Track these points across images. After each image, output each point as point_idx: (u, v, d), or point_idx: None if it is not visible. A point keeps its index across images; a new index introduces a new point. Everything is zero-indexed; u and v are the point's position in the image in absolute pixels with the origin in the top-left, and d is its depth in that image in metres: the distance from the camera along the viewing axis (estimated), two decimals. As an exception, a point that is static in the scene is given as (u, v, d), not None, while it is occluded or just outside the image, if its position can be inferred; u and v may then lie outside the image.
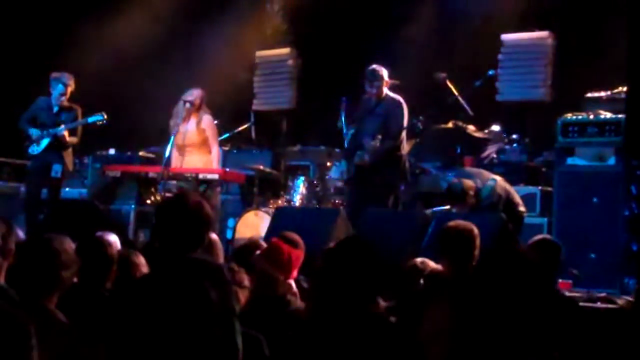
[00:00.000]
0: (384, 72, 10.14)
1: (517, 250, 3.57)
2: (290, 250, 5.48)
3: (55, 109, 11.07)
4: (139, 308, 4.16)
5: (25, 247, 4.24)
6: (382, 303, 5.56)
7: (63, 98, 11.04)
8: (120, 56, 14.58)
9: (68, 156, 11.11)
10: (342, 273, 4.10)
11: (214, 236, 6.85)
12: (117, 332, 4.31)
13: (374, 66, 10.19)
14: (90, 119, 11.01)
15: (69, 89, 11.04)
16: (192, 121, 10.72)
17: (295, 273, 5.52)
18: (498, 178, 9.64)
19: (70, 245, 4.42)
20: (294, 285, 5.41)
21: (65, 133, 10.92)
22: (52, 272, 4.14)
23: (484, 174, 9.75)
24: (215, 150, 10.88)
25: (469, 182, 9.37)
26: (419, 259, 6.01)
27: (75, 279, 4.82)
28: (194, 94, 10.72)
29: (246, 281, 5.28)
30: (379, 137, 9.77)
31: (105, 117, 10.97)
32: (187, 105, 10.61)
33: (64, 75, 11.06)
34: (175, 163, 10.76)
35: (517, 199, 9.62)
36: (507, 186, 9.63)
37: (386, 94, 10.10)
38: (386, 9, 14.29)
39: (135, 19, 14.89)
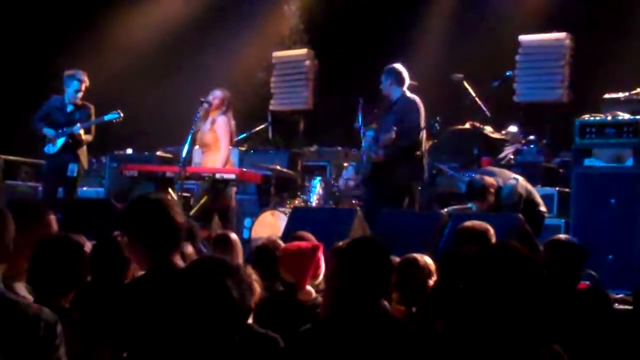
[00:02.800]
0: (393, 70, 10.11)
1: (511, 247, 3.55)
2: (301, 256, 5.39)
3: (70, 107, 11.10)
4: (157, 305, 4.18)
5: (44, 246, 4.25)
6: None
7: (79, 94, 11.07)
8: (138, 56, 14.64)
9: (83, 155, 11.15)
10: (352, 272, 4.10)
11: (233, 236, 6.86)
12: (133, 329, 4.32)
13: (390, 65, 10.19)
14: (107, 117, 11.06)
15: (84, 85, 11.07)
16: (208, 121, 10.73)
17: (318, 275, 5.43)
18: (520, 178, 9.60)
19: (85, 243, 4.43)
20: (311, 288, 5.28)
21: (82, 131, 10.97)
22: (71, 271, 4.14)
23: (506, 173, 9.72)
24: (223, 150, 10.73)
25: (490, 179, 9.34)
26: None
27: (89, 278, 4.83)
28: (213, 94, 10.72)
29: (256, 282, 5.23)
30: (394, 128, 9.74)
31: (122, 114, 11.01)
32: (205, 105, 10.62)
33: (78, 72, 11.09)
34: (202, 163, 10.78)
35: (538, 199, 9.59)
36: (529, 186, 9.60)
37: (403, 94, 10.08)
38: (403, 10, 14.31)
39: (152, 18, 14.95)
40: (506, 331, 3.34)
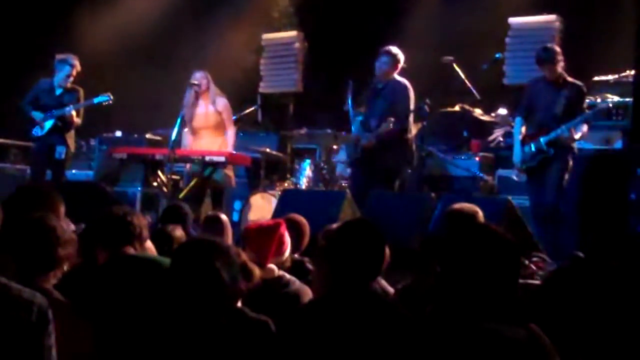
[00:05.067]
0: (394, 54, 10.08)
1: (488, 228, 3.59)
2: (262, 233, 5.36)
3: (59, 90, 11.07)
4: (143, 287, 4.20)
5: (19, 226, 4.24)
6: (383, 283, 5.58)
7: (70, 79, 11.05)
8: (126, 38, 14.57)
9: (70, 138, 11.15)
10: (346, 253, 4.10)
11: (223, 217, 6.86)
12: (116, 311, 4.33)
13: (389, 47, 10.15)
14: (97, 100, 11.03)
15: (75, 70, 11.05)
16: (203, 104, 10.77)
17: (282, 253, 5.43)
18: None
19: (66, 223, 4.42)
20: (274, 266, 5.24)
21: (74, 112, 10.95)
22: (47, 250, 4.12)
23: None
24: (232, 131, 10.96)
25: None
26: None
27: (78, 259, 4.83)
28: (197, 77, 10.75)
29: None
30: (392, 119, 9.72)
31: (112, 97, 10.98)
32: (195, 88, 10.64)
33: (70, 57, 11.07)
34: (191, 146, 10.84)
35: None
36: None
37: (393, 78, 10.07)
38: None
39: (141, 1, 14.89)
40: (479, 312, 3.35)
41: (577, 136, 8.95)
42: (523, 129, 9.38)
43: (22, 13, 14.46)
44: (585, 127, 9.02)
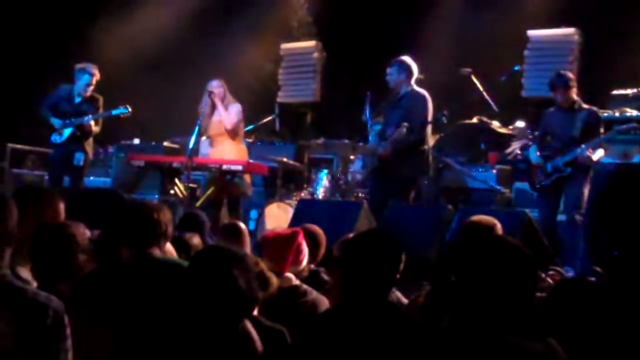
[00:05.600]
0: (400, 63, 10.04)
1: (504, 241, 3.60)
2: (280, 241, 5.38)
3: (78, 99, 11.08)
4: (159, 293, 4.21)
5: (39, 233, 4.27)
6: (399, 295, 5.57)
7: (90, 88, 11.04)
8: (146, 46, 14.63)
9: (89, 145, 11.15)
10: (361, 264, 4.09)
11: (241, 225, 6.85)
12: (135, 317, 4.33)
13: (400, 58, 10.12)
14: (115, 112, 11.03)
15: (95, 79, 11.05)
16: (218, 112, 10.77)
17: (299, 262, 5.44)
18: None
19: (84, 230, 4.45)
20: (291, 275, 5.26)
21: (92, 122, 10.96)
22: (67, 258, 4.15)
23: None
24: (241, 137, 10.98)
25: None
26: None
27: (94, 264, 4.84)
28: (213, 86, 10.77)
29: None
30: (405, 124, 9.67)
31: (130, 110, 10.99)
32: (212, 96, 10.66)
33: (89, 66, 11.07)
34: (210, 154, 10.87)
35: None
36: None
37: (411, 89, 10.03)
38: (412, 3, 14.28)
39: (161, 9, 14.94)
40: (497, 325, 3.35)
41: (594, 157, 8.91)
42: (538, 153, 9.38)
43: (41, 23, 14.52)
44: (602, 152, 9.00)
